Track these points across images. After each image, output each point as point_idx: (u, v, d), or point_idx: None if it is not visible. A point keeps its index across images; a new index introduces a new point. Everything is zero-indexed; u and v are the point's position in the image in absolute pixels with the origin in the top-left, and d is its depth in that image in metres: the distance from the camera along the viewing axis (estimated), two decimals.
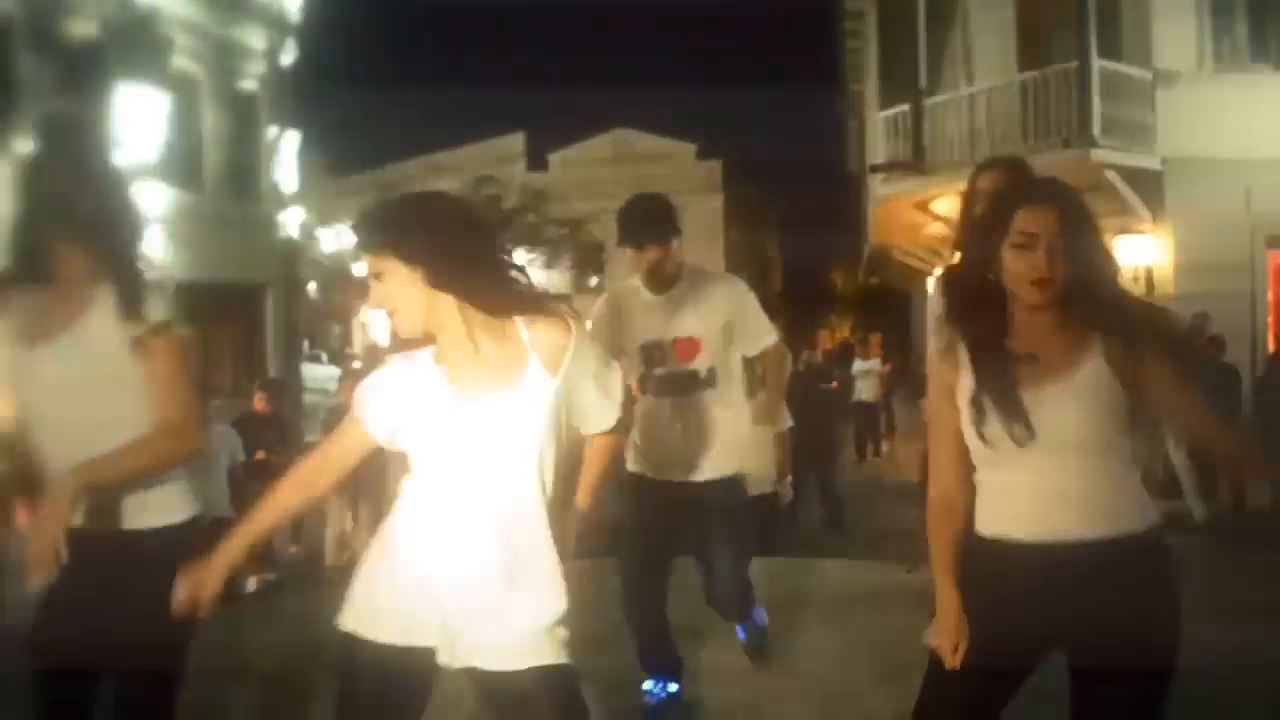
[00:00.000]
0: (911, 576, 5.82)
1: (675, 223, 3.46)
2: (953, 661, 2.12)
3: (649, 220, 3.43)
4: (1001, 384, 2.06)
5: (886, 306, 26.79)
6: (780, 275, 40.14)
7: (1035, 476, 2.07)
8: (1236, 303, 11.82)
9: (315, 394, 23.62)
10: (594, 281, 36.55)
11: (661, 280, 3.47)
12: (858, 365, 14.86)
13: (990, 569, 2.13)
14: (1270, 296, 12.58)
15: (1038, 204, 2.10)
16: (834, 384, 13.21)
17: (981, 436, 2.09)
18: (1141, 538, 2.10)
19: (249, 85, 20.86)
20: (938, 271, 3.90)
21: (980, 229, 2.20)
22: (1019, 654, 2.14)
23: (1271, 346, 12.12)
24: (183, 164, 18.31)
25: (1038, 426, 2.03)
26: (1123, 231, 12.31)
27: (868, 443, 14.49)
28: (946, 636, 2.14)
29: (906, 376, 19.49)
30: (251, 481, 6.83)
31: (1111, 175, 11.95)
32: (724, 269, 34.38)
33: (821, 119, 20.65)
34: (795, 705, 3.87)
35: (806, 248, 34.74)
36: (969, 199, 3.37)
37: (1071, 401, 2.06)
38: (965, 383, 2.12)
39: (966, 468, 2.18)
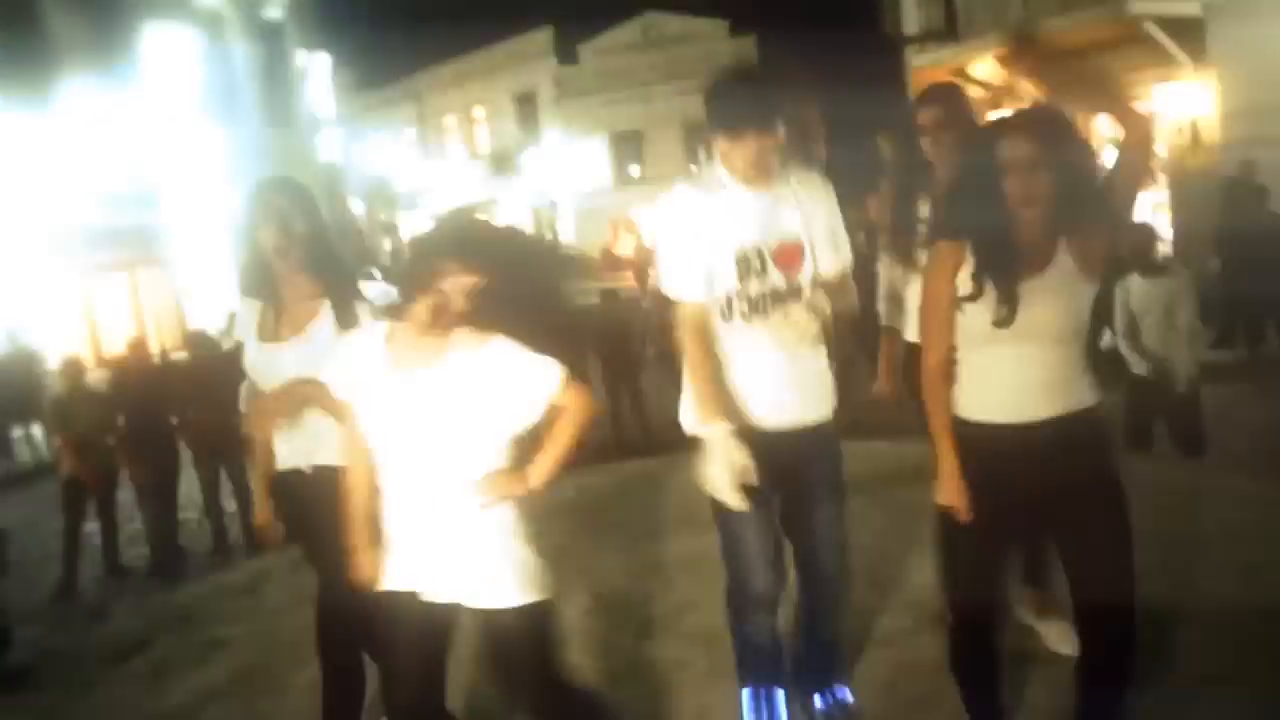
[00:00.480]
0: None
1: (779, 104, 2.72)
2: (966, 516, 2.46)
3: (752, 99, 2.68)
4: (1004, 271, 2.38)
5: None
6: (826, 146, 39.54)
7: (1010, 363, 2.42)
8: None
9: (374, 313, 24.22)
10: (634, 171, 36.38)
11: (761, 175, 2.71)
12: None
13: (975, 446, 2.47)
14: None
15: (1013, 130, 2.41)
16: None
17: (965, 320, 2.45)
18: (1092, 410, 2.46)
19: (274, 13, 20.84)
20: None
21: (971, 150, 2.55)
22: (1008, 515, 2.49)
23: None
24: (219, 99, 18.56)
25: (1019, 313, 2.36)
26: (1164, 80, 12.08)
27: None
28: (953, 495, 2.47)
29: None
30: None
31: (1150, 27, 11.63)
32: None
33: None
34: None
35: (851, 117, 34.03)
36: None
37: (1045, 296, 2.37)
38: (967, 268, 2.43)
39: (951, 344, 2.51)
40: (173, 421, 7.45)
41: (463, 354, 2.38)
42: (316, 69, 22.56)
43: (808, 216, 2.78)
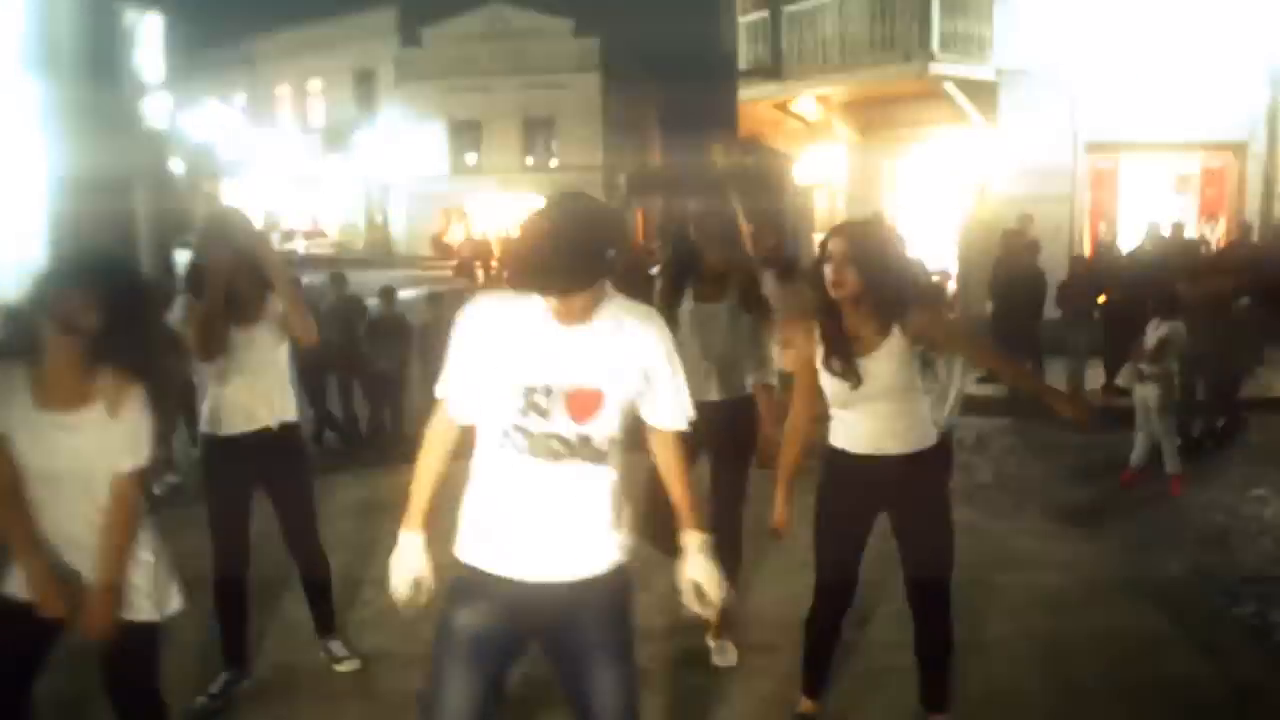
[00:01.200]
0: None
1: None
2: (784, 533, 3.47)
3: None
4: (842, 353, 3.25)
5: (763, 186, 27.58)
6: (659, 152, 40.58)
7: (864, 415, 3.30)
8: (1059, 204, 13.04)
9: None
10: (471, 160, 36.45)
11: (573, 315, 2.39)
12: None
13: (843, 467, 3.39)
14: (1089, 199, 13.82)
15: (835, 236, 3.28)
16: None
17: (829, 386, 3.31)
18: (932, 449, 3.40)
19: None
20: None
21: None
22: (859, 519, 3.42)
23: (1090, 244, 13.36)
24: (42, 53, 17.75)
25: (864, 380, 3.22)
26: (959, 136, 13.38)
27: None
28: (781, 519, 3.46)
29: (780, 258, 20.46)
30: None
31: (949, 86, 12.87)
32: (602, 148, 34.80)
33: (702, 5, 20.88)
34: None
35: (686, 126, 35.07)
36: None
37: (883, 364, 3.23)
38: (820, 353, 3.30)
39: (813, 408, 3.41)
40: None
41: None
42: (147, 29, 21.74)
43: (625, 361, 2.41)
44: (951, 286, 13.99)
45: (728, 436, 4.00)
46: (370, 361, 9.44)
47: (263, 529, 4.03)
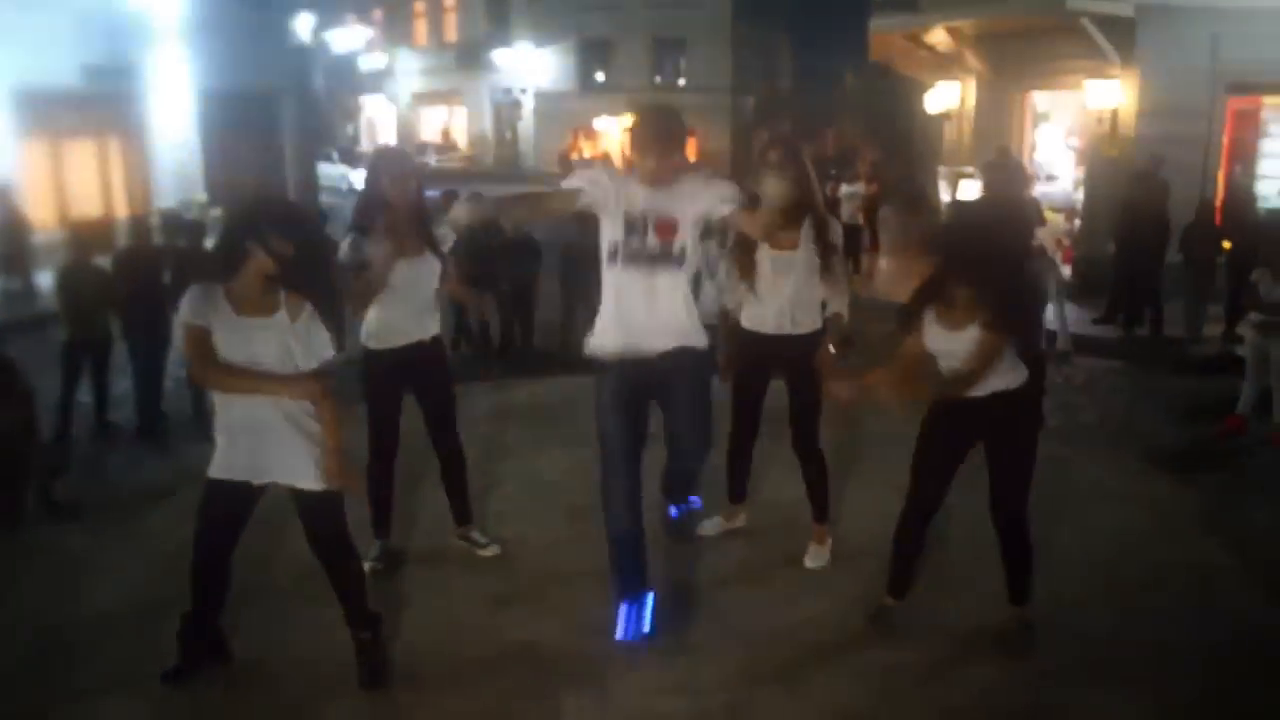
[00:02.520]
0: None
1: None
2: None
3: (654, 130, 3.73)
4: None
5: (889, 112, 27.22)
6: (789, 76, 40.08)
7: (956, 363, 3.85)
8: (1193, 146, 12.72)
9: (328, 192, 24.81)
10: (600, 78, 36.62)
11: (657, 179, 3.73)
12: (844, 189, 15.75)
13: (942, 400, 3.93)
14: (1225, 140, 13.43)
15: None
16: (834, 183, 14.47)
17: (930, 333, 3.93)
18: (1023, 386, 3.90)
19: None
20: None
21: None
22: (957, 442, 3.96)
23: (1221, 189, 13.04)
24: None
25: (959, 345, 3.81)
26: (1092, 75, 13.14)
27: (849, 261, 15.54)
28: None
29: (896, 191, 20.44)
30: None
31: (1085, 22, 12.62)
32: (731, 70, 34.53)
33: None
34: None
35: (816, 51, 34.57)
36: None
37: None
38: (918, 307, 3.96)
39: (920, 343, 3.96)
40: (164, 300, 8.27)
41: None
42: None
43: (691, 206, 3.73)
44: (1075, 224, 13.89)
45: (804, 366, 4.46)
46: (502, 277, 10.03)
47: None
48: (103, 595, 4.37)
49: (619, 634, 3.81)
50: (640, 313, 3.72)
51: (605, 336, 3.80)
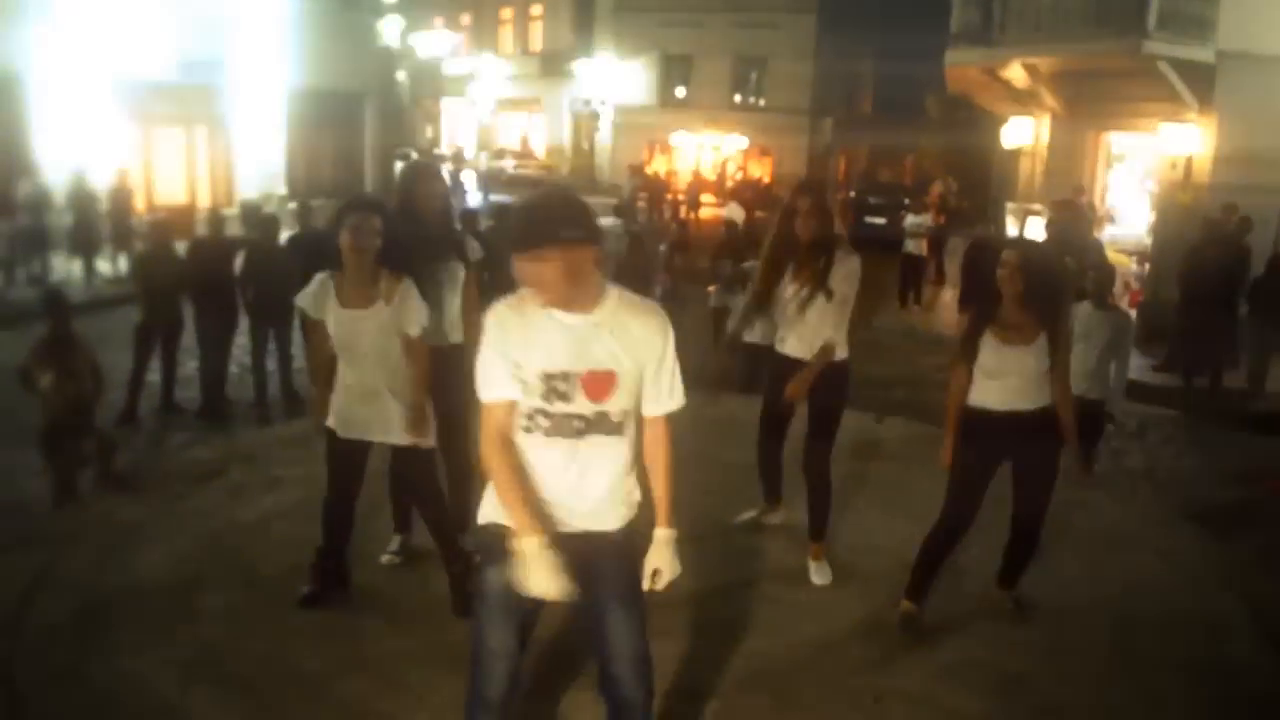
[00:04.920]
0: (880, 426, 7.28)
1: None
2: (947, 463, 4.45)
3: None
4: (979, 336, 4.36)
5: (967, 142, 27.05)
6: (869, 100, 39.96)
7: (1005, 384, 4.26)
8: (1268, 197, 12.46)
9: None
10: (680, 93, 36.90)
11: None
12: (909, 220, 15.76)
13: (979, 421, 4.31)
14: None
15: (1011, 249, 4.35)
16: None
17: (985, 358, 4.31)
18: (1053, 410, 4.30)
19: None
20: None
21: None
22: (989, 465, 4.34)
23: None
24: None
25: (1010, 363, 4.24)
26: (1169, 119, 12.99)
27: (910, 291, 15.52)
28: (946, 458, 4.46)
29: (972, 218, 20.21)
30: None
31: (1163, 66, 12.50)
32: (811, 85, 34.52)
33: None
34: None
35: (896, 78, 34.40)
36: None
37: (1030, 358, 4.22)
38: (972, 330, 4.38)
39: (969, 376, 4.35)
40: (235, 288, 8.64)
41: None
42: None
43: (625, 349, 2.67)
44: (1145, 268, 13.68)
45: (820, 389, 4.71)
46: None
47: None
48: (147, 565, 4.65)
49: None
50: (561, 490, 2.74)
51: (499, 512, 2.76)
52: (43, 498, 5.69)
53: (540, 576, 2.56)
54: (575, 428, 2.67)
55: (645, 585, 2.81)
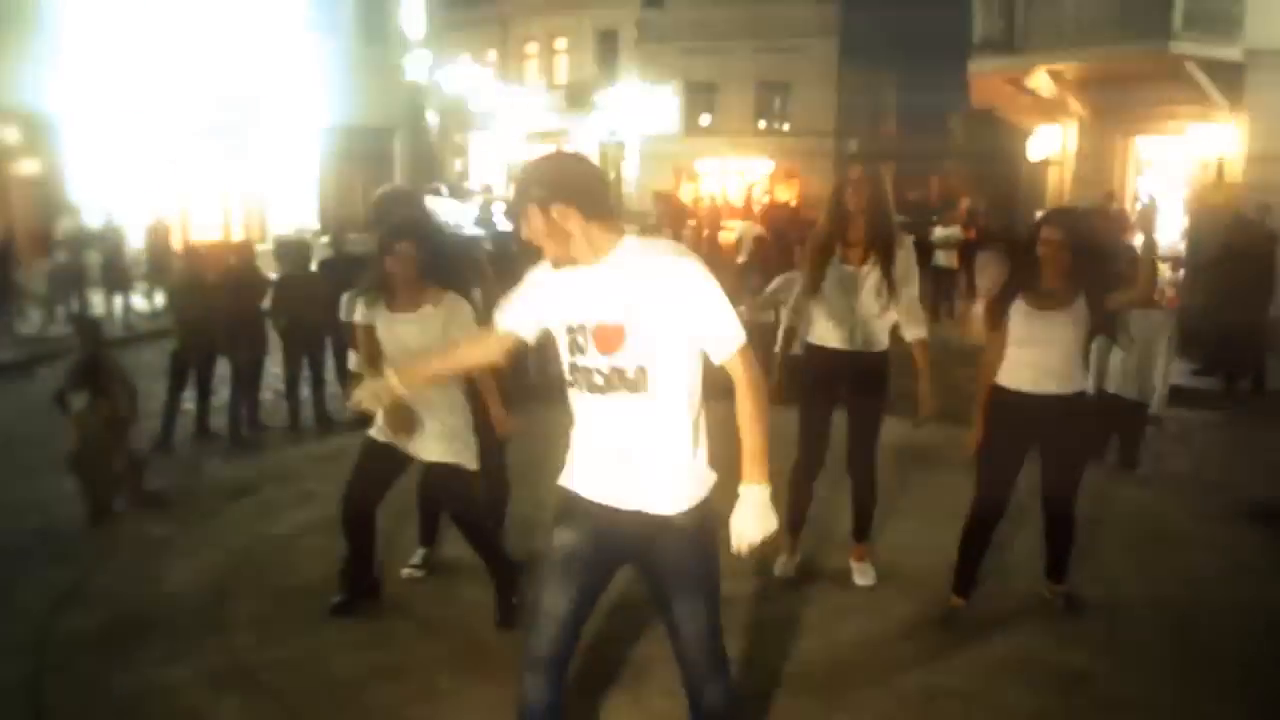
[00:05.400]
0: (918, 430, 7.10)
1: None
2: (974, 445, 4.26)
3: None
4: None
5: (992, 157, 26.95)
6: (893, 120, 39.88)
7: (1035, 357, 4.11)
8: None
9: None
10: (705, 121, 37.01)
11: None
12: (938, 232, 15.53)
13: (1005, 402, 4.14)
14: None
15: (1048, 225, 4.16)
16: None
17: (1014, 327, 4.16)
18: (1081, 394, 4.17)
19: None
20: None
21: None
22: (1019, 448, 4.17)
23: None
24: (322, 11, 19.67)
25: (1044, 330, 4.09)
26: (1198, 120, 12.84)
27: (941, 305, 15.32)
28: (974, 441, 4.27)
29: (999, 233, 20.02)
30: None
31: (1191, 67, 12.37)
32: (835, 114, 34.60)
33: None
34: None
35: (920, 96, 34.37)
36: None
37: (1068, 325, 4.07)
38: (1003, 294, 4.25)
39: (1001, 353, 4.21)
40: (265, 318, 8.67)
41: None
42: None
43: (643, 297, 2.55)
44: (1180, 274, 13.46)
45: (862, 384, 4.51)
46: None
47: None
48: (177, 578, 4.62)
49: None
50: (607, 457, 2.65)
51: (569, 471, 2.76)
52: (75, 518, 5.68)
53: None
54: (596, 383, 2.60)
55: (737, 548, 2.58)
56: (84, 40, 14.87)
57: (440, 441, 4.10)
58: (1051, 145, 16.14)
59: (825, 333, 4.56)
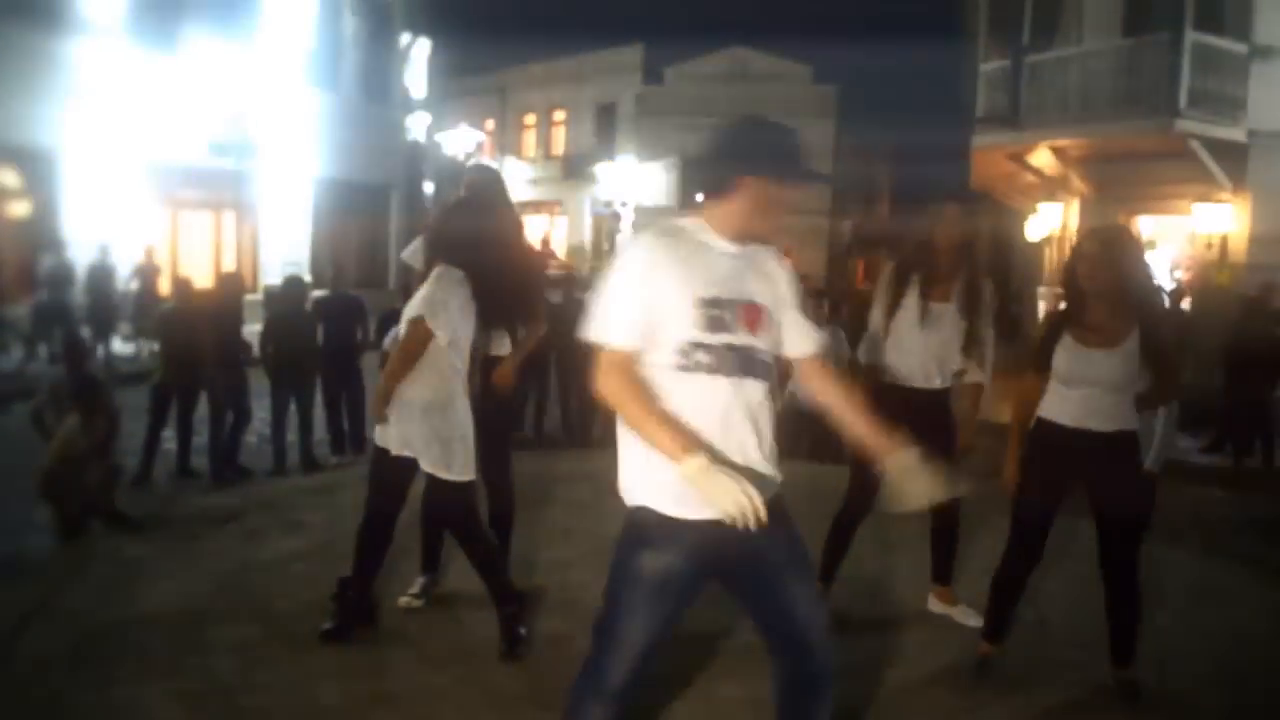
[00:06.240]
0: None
1: None
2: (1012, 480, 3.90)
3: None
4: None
5: (989, 241, 27.09)
6: (888, 203, 40.30)
7: (1083, 395, 3.72)
8: None
9: None
10: (700, 198, 37.28)
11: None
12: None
13: (1048, 438, 3.79)
14: None
15: (1090, 239, 3.83)
16: None
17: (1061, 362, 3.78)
18: (1132, 435, 3.73)
19: None
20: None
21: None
22: (1058, 484, 3.77)
23: None
24: (325, 66, 19.76)
25: (1092, 368, 3.70)
26: (1201, 200, 12.85)
27: None
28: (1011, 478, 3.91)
29: (999, 317, 19.91)
30: None
31: (1195, 145, 12.41)
32: (830, 194, 34.96)
33: (939, 59, 20.70)
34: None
35: (916, 179, 34.79)
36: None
37: (1118, 361, 3.65)
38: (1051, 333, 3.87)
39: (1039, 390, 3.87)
40: (251, 352, 8.38)
41: None
42: (417, 51, 23.73)
43: (768, 284, 2.58)
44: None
45: (925, 422, 4.19)
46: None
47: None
48: (153, 600, 4.28)
49: None
50: (727, 445, 2.44)
51: (655, 490, 2.44)
52: (46, 546, 5.33)
53: (732, 488, 2.22)
54: (737, 363, 2.44)
55: (896, 503, 2.50)
56: (85, 79, 14.79)
57: (430, 449, 3.82)
58: (1052, 222, 16.14)
59: (899, 371, 4.36)
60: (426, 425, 3.80)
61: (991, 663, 4.00)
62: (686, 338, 2.40)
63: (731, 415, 2.43)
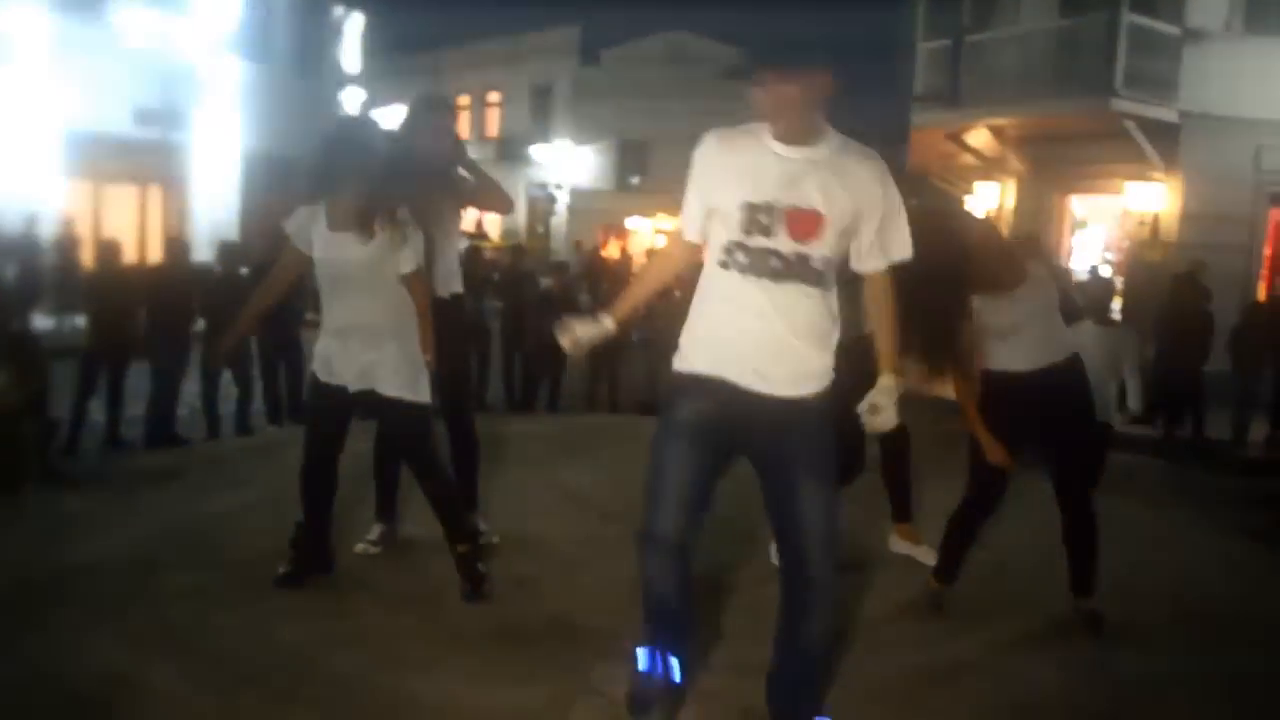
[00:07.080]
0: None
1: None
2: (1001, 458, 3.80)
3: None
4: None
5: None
6: None
7: (1018, 340, 3.76)
8: (1235, 254, 12.62)
9: None
10: (635, 180, 37.20)
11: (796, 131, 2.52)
12: None
13: (999, 386, 3.79)
14: (1267, 251, 13.32)
15: None
16: None
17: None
18: (1075, 365, 3.83)
19: None
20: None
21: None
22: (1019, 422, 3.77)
23: (1262, 296, 12.87)
24: (256, 38, 19.21)
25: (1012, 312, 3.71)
26: (1134, 179, 13.13)
27: None
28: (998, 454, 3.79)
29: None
30: None
31: (1129, 125, 12.66)
32: None
33: (879, 39, 20.83)
34: None
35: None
36: None
37: (1024, 302, 3.74)
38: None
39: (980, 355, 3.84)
40: (192, 319, 8.12)
41: None
42: (350, 27, 23.24)
43: (841, 191, 2.51)
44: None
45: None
46: (535, 332, 9.80)
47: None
48: (95, 549, 4.08)
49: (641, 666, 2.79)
50: (750, 338, 2.56)
51: (693, 355, 2.65)
52: None
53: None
54: (773, 267, 2.53)
55: (866, 423, 2.63)
56: (3, 45, 14.20)
57: (399, 373, 3.69)
58: (989, 202, 16.38)
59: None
60: (398, 348, 3.68)
61: (943, 596, 4.02)
62: (731, 238, 2.55)
63: (762, 316, 2.54)
